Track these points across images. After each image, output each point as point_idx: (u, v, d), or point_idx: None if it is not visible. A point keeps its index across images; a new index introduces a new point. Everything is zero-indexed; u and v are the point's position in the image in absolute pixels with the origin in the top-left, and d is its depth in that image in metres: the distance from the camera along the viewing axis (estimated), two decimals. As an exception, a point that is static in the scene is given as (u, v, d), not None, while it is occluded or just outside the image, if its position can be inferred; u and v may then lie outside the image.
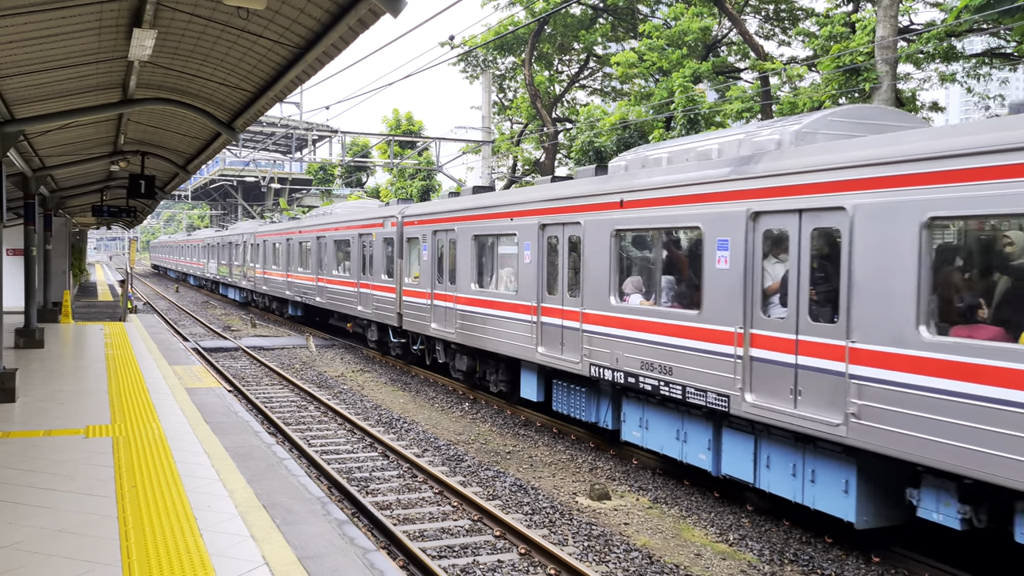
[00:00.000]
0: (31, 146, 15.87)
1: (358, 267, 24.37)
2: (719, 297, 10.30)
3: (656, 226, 11.72)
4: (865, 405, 8.37)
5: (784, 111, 26.17)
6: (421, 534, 9.74)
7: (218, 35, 9.40)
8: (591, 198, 13.06)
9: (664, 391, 11.24)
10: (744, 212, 9.95)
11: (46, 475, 8.73)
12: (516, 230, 15.28)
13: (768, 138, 10.44)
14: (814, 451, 9.38)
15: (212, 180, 68.19)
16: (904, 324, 8.03)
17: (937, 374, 7.73)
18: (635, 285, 12.42)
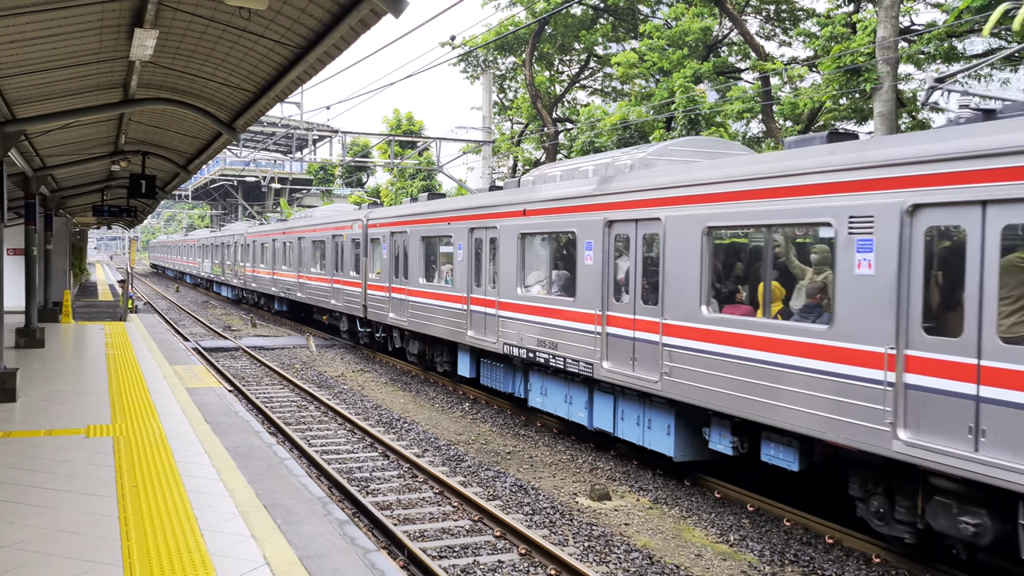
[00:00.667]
0: (32, 146, 15.87)
1: (332, 265, 26.86)
2: (587, 287, 13.07)
3: (547, 230, 14.61)
4: (672, 366, 11.14)
5: (785, 111, 26.18)
6: (421, 534, 9.75)
7: (219, 35, 9.40)
8: (504, 207, 15.80)
9: (553, 363, 13.92)
10: (602, 220, 12.70)
11: (47, 475, 8.74)
12: (452, 232, 18.02)
13: (624, 162, 13.30)
14: (650, 404, 12.07)
15: (212, 180, 68.23)
16: (692, 304, 10.86)
17: (713, 341, 10.49)
18: (535, 278, 15.27)
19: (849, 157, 8.83)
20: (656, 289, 11.56)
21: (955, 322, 7.70)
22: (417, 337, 20.78)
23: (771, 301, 10.07)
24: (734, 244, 11.42)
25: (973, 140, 7.57)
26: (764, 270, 10.21)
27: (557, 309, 13.85)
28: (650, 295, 11.75)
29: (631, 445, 12.88)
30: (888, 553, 9.18)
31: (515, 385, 16.02)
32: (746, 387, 9.89)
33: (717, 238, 10.95)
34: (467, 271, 17.12)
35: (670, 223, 11.23)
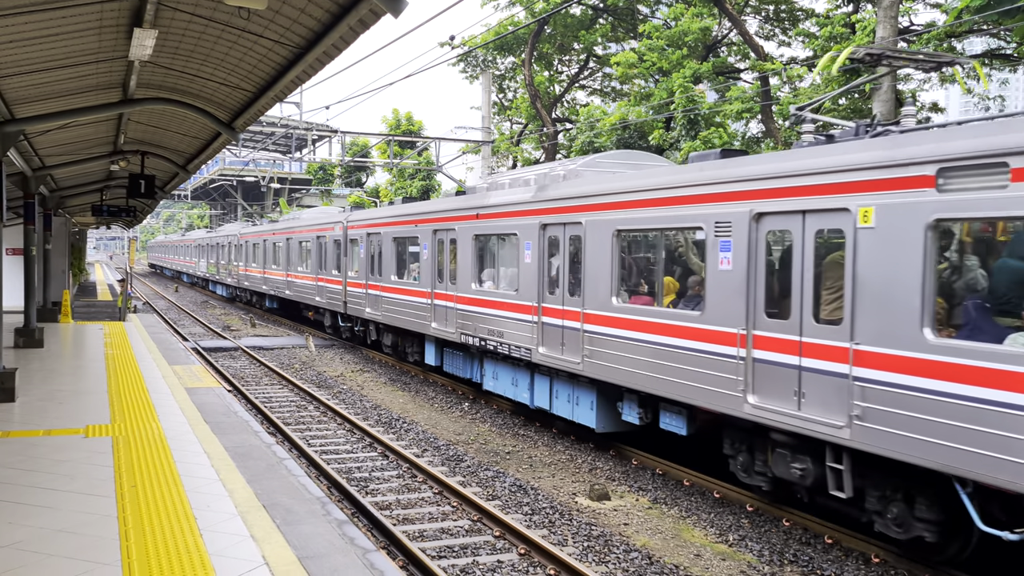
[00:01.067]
0: (31, 146, 15.86)
1: (316, 264, 28.69)
2: (527, 282, 14.79)
3: (496, 232, 16.23)
4: (591, 349, 12.90)
5: (784, 111, 26.17)
6: (421, 534, 9.74)
7: (219, 35, 9.40)
8: (461, 211, 17.54)
9: (501, 350, 15.65)
10: (538, 224, 14.47)
11: (46, 475, 8.73)
12: (419, 234, 19.78)
13: (558, 172, 15.03)
14: (577, 383, 13.82)
15: (212, 180, 68.18)
16: (606, 295, 12.64)
17: (623, 327, 12.20)
18: (489, 274, 16.82)
19: (714, 174, 10.68)
20: (579, 283, 13.39)
21: (787, 307, 9.51)
22: (390, 330, 22.65)
23: (665, 293, 12.18)
24: (638, 243, 13.15)
25: (795, 162, 9.46)
26: (659, 267, 12.43)
27: (504, 302, 15.68)
28: (575, 288, 13.56)
29: (569, 422, 14.53)
30: (887, 553, 9.18)
31: (472, 371, 17.96)
32: (647, 366, 11.72)
33: (625, 239, 12.75)
34: (431, 269, 18.90)
35: (589, 226, 13.10)
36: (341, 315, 26.49)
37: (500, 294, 15.87)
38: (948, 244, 8.22)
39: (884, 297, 8.29)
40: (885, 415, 8.25)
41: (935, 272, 7.94)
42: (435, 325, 18.62)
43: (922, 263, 7.90)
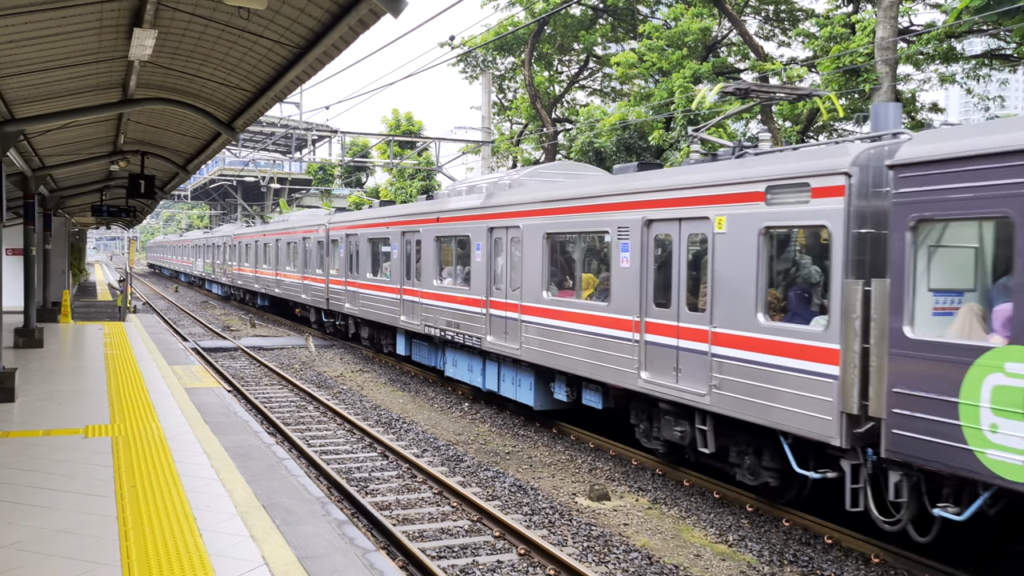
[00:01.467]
0: (31, 146, 15.86)
1: (302, 263, 30.54)
2: (477, 278, 16.70)
3: (453, 234, 18.10)
4: (527, 336, 14.83)
5: (784, 112, 26.19)
6: (420, 534, 9.74)
7: (218, 35, 9.40)
8: (425, 215, 19.59)
9: (458, 339, 17.43)
10: (486, 227, 16.44)
11: (45, 475, 8.73)
12: (389, 235, 21.76)
13: (505, 182, 17.01)
14: (520, 367, 15.52)
15: (212, 180, 68.15)
16: (538, 290, 14.57)
17: (552, 317, 14.11)
18: (448, 272, 18.68)
19: (617, 186, 12.64)
20: (519, 279, 15.25)
21: (669, 298, 11.47)
22: (367, 324, 24.68)
23: (584, 287, 13.97)
24: (563, 245, 14.82)
25: (675, 179, 11.45)
26: (579, 265, 14.29)
27: (460, 297, 17.57)
28: (515, 284, 15.37)
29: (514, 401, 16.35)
30: (887, 553, 9.18)
31: (436, 360, 19.70)
32: (571, 350, 13.54)
33: (553, 241, 14.58)
34: (400, 267, 20.87)
35: (525, 230, 14.98)
36: (324, 311, 28.52)
37: (456, 290, 17.84)
38: (775, 246, 10.14)
39: (732, 289, 10.29)
40: (733, 384, 10.22)
41: (767, 268, 9.95)
42: (404, 318, 20.60)
43: (755, 261, 9.94)
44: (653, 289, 11.78)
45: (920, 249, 8.18)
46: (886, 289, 8.35)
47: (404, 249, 20.70)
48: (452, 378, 18.86)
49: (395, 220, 21.44)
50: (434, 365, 19.82)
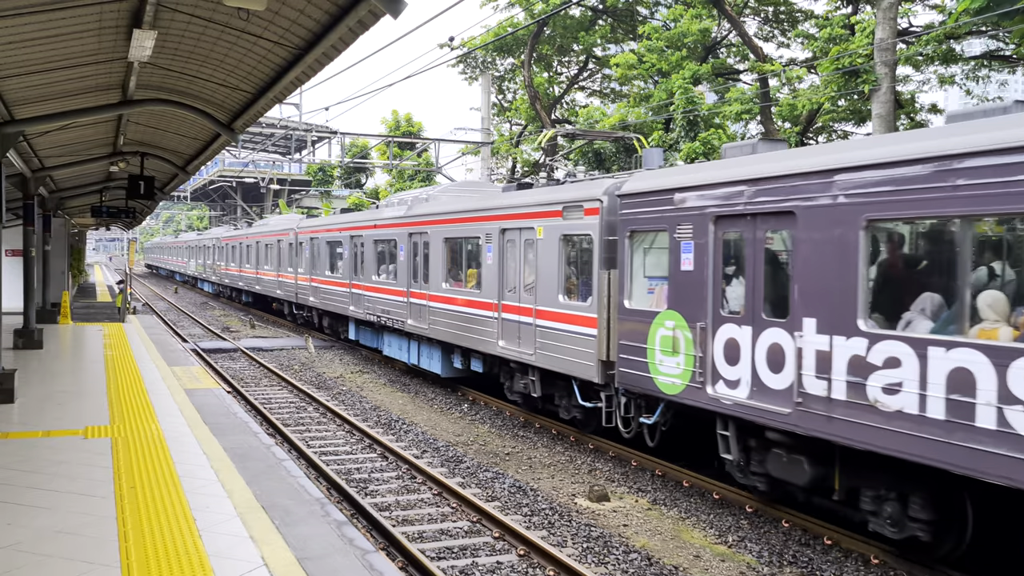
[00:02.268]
0: (31, 147, 15.87)
1: (276, 263, 34.54)
2: (402, 274, 20.85)
3: (385, 238, 22.41)
4: (433, 319, 18.71)
5: (784, 113, 26.20)
6: (420, 535, 9.74)
7: (218, 36, 9.40)
8: (366, 223, 23.94)
9: (389, 323, 21.58)
10: (407, 233, 20.58)
11: (45, 476, 8.73)
12: (342, 239, 26.05)
13: (422, 197, 21.55)
14: (432, 344, 19.57)
15: (211, 181, 68.13)
16: (440, 281, 18.61)
17: (448, 303, 18.13)
18: (383, 269, 22.67)
19: (485, 204, 16.90)
20: (427, 272, 19.40)
21: (515, 285, 15.42)
22: (327, 314, 28.86)
23: (468, 279, 17.79)
24: (456, 246, 18.38)
25: (519, 200, 15.51)
26: (465, 262, 17.99)
27: (391, 289, 21.62)
28: (426, 277, 19.46)
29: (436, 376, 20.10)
30: (887, 554, 9.18)
31: (378, 342, 23.66)
32: (461, 328, 17.48)
33: (449, 244, 18.56)
34: (349, 265, 25.11)
35: (432, 235, 19.18)
36: (294, 304, 32.69)
37: (389, 283, 21.88)
38: (569, 247, 14.06)
39: (546, 277, 14.36)
40: (547, 345, 14.23)
41: (565, 262, 14.06)
42: (353, 308, 24.73)
43: (558, 258, 14.05)
44: (503, 279, 15.89)
45: (636, 250, 12.27)
46: (617, 276, 12.50)
47: (352, 250, 24.91)
48: (389, 356, 22.91)
49: (345, 226, 25.78)
50: (376, 347, 23.88)
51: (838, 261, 8.71)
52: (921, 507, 8.44)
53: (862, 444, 8.42)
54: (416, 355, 20.62)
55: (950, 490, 8.26)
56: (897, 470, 8.45)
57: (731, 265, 10.55)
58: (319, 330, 30.34)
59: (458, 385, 19.28)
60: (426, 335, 19.30)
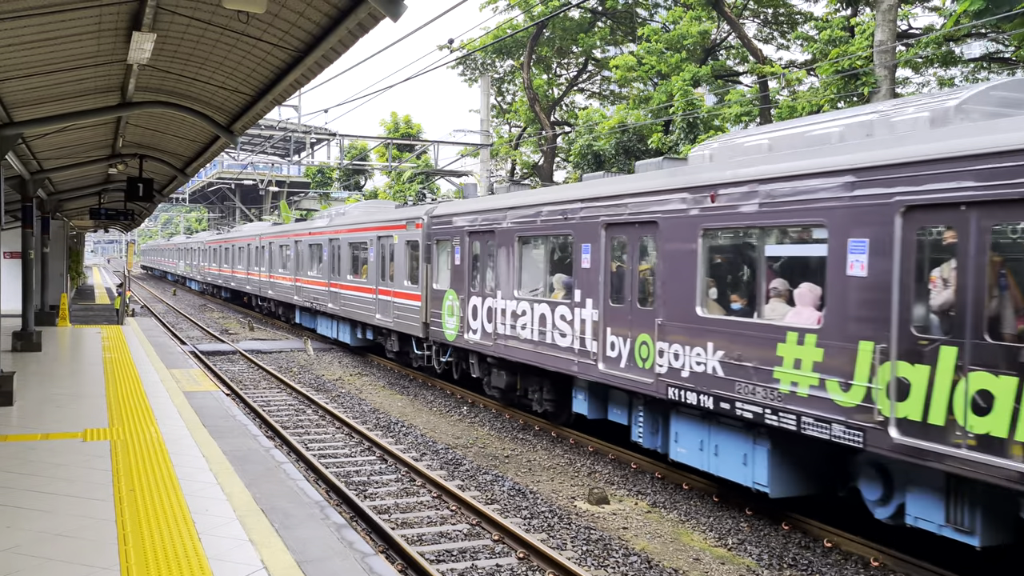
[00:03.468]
0: (29, 149, 15.86)
1: (246, 263, 40.93)
2: (324, 269, 27.06)
3: (315, 243, 28.67)
4: (342, 302, 25.50)
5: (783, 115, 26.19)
6: (419, 538, 9.73)
7: (217, 38, 9.40)
8: (303, 230, 30.64)
9: (319, 308, 27.80)
10: (328, 239, 26.97)
11: (44, 479, 8.72)
12: (290, 243, 32.20)
13: (341, 212, 28.28)
14: (344, 322, 25.98)
15: (210, 183, 68.13)
16: (347, 274, 25.15)
17: (351, 290, 24.84)
18: (314, 266, 28.40)
19: (371, 218, 23.49)
20: (339, 269, 26.03)
21: (389, 275, 21.45)
22: (280, 303, 35.42)
23: (362, 273, 23.95)
24: (357, 249, 24.87)
25: (384, 216, 22.61)
26: (361, 259, 24.10)
27: (318, 281, 28.09)
28: (339, 271, 25.97)
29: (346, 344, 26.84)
30: (887, 557, 9.17)
31: (314, 323, 29.86)
32: (359, 307, 23.73)
33: (353, 247, 24.98)
34: (295, 263, 31.45)
35: (342, 240, 25.75)
36: (260, 297, 39.31)
37: (317, 277, 28.32)
38: (411, 249, 20.03)
39: (400, 269, 20.63)
40: (400, 315, 20.65)
41: (409, 259, 19.99)
42: (296, 298, 31.15)
43: (405, 257, 20.29)
44: (381, 271, 22.29)
45: (440, 251, 18.70)
46: (431, 268, 18.92)
47: (296, 252, 31.37)
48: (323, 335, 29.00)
49: (291, 233, 32.52)
50: (313, 328, 30.26)
51: (505, 258, 15.62)
52: (548, 391, 15.06)
53: (515, 358, 15.30)
54: (336, 332, 26.98)
55: (559, 381, 14.73)
56: (537, 372, 15.11)
57: (475, 261, 17.02)
58: (276, 318, 36.76)
59: (459, 388, 19.18)
60: (340, 315, 25.88)
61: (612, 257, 12.65)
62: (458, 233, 17.45)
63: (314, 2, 7.80)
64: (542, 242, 15.06)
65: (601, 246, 12.70)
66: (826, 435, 8.78)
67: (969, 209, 7.48)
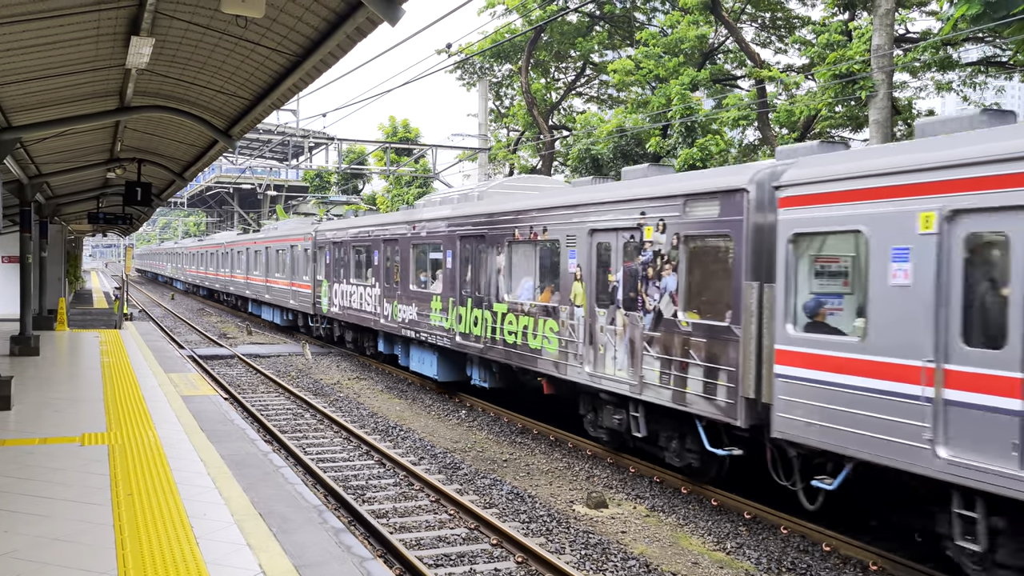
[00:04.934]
0: (27, 153, 15.85)
1: (219, 265, 48.19)
2: (292, 271, 31.54)
3: (279, 248, 33.40)
4: (301, 298, 30.01)
5: (781, 119, 26.23)
6: (418, 542, 9.72)
7: (215, 43, 9.40)
8: (268, 238, 35.79)
9: (265, 300, 36.31)
10: (264, 247, 36.31)
11: (42, 483, 8.71)
12: (259, 249, 37.20)
13: (279, 224, 38.60)
14: (276, 309, 35.14)
15: (208, 187, 68.07)
16: (273, 272, 34.74)
17: (278, 284, 33.73)
18: (273, 269, 34.00)
19: (292, 231, 32.03)
20: (269, 270, 34.66)
21: (299, 272, 30.30)
22: (238, 297, 43.41)
23: (293, 273, 31.37)
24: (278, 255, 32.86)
25: (301, 230, 31.28)
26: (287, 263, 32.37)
27: (283, 281, 32.64)
28: (275, 273, 33.03)
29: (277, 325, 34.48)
30: (885, 561, 9.18)
31: (261, 313, 37.72)
32: (282, 297, 32.24)
33: (278, 253, 32.71)
34: (264, 267, 36.07)
35: (272, 248, 34.15)
36: (236, 295, 44.56)
37: (259, 275, 35.84)
38: (315, 253, 27.38)
39: (300, 267, 29.85)
40: (301, 300, 29.68)
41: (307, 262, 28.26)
42: (268, 296, 35.62)
43: (305, 260, 29.28)
44: (326, 269, 26.64)
45: (321, 257, 26.88)
46: (315, 267, 27.98)
47: (265, 257, 36.04)
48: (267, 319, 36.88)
49: (259, 240, 37.51)
50: (259, 314, 38.24)
51: (347, 259, 24.38)
52: (368, 340, 24.55)
53: (352, 320, 24.59)
54: (273, 315, 35.30)
55: (370, 332, 24.22)
56: (365, 329, 24.58)
57: (337, 262, 25.39)
58: (243, 311, 43.10)
59: (456, 392, 19.33)
60: (273, 303, 34.18)
61: (386, 259, 22.21)
62: (327, 243, 27.01)
63: (312, 6, 7.81)
64: (357, 251, 24.69)
65: (380, 254, 22.62)
66: (447, 344, 18.33)
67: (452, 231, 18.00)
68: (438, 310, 18.78)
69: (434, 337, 18.87)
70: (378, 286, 22.78)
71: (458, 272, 17.89)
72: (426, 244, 20.14)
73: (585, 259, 13.48)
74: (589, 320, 13.32)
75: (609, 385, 12.72)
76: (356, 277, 24.50)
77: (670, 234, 11.53)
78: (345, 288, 25.11)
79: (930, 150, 8.23)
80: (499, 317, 16.13)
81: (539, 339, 14.68)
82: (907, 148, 8.69)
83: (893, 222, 8.38)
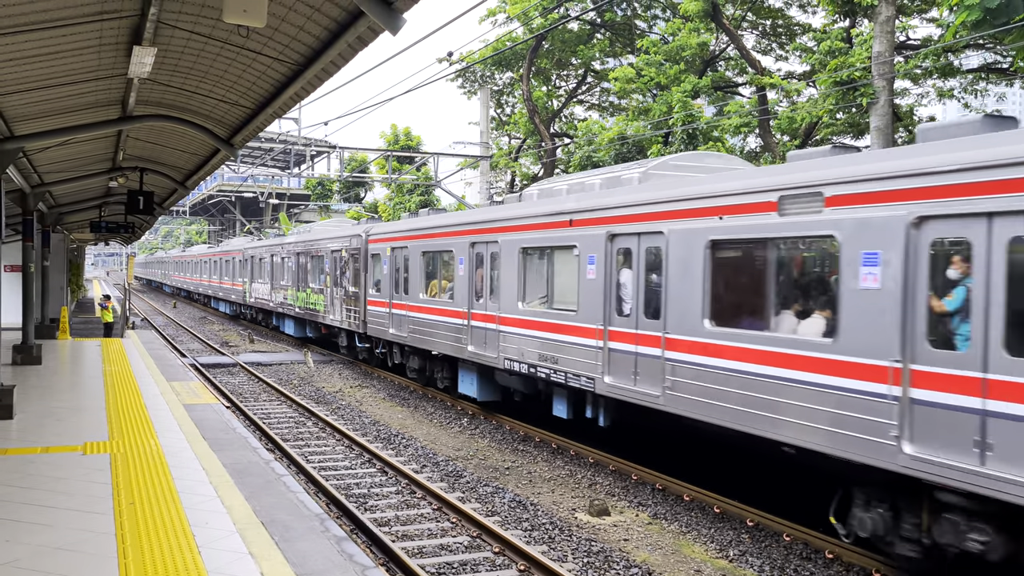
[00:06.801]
0: (30, 163, 15.89)
1: (197, 272, 54.35)
2: (278, 279, 34.74)
3: (263, 256, 37.61)
4: (256, 294, 38.90)
5: (782, 126, 26.26)
6: (420, 551, 9.70)
7: (217, 52, 9.43)
8: (254, 248, 39.92)
9: (276, 309, 35.46)
10: (249, 255, 40.60)
11: (44, 492, 8.71)
12: (251, 255, 39.27)
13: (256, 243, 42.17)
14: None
15: (210, 196, 68.22)
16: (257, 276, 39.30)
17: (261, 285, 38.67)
18: (224, 273, 45.45)
19: (236, 245, 44.06)
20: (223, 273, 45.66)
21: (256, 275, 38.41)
22: (210, 297, 47.50)
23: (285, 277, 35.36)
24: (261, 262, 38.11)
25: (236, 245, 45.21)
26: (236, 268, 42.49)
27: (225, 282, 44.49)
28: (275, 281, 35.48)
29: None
30: (888, 568, 9.15)
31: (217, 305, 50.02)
32: (251, 295, 39.24)
33: (226, 263, 44.86)
34: (249, 275, 38.94)
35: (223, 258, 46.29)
36: (223, 300, 47.81)
37: (228, 279, 42.19)
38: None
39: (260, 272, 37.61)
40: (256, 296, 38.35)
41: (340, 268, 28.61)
42: (221, 294, 40.78)
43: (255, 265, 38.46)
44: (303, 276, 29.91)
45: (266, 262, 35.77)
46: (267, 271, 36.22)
47: (249, 266, 39.05)
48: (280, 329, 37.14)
49: (239, 250, 40.27)
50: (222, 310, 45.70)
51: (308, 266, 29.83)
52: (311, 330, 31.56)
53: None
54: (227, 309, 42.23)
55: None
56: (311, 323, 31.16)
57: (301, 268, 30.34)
58: (211, 307, 51.44)
59: (459, 400, 19.15)
60: (269, 309, 36.01)
61: (337, 267, 26.01)
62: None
63: (314, 16, 7.84)
64: (319, 259, 28.70)
65: (331, 263, 26.50)
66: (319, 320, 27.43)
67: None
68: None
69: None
70: (331, 289, 26.30)
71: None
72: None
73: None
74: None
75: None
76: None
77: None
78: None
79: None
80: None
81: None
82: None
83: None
